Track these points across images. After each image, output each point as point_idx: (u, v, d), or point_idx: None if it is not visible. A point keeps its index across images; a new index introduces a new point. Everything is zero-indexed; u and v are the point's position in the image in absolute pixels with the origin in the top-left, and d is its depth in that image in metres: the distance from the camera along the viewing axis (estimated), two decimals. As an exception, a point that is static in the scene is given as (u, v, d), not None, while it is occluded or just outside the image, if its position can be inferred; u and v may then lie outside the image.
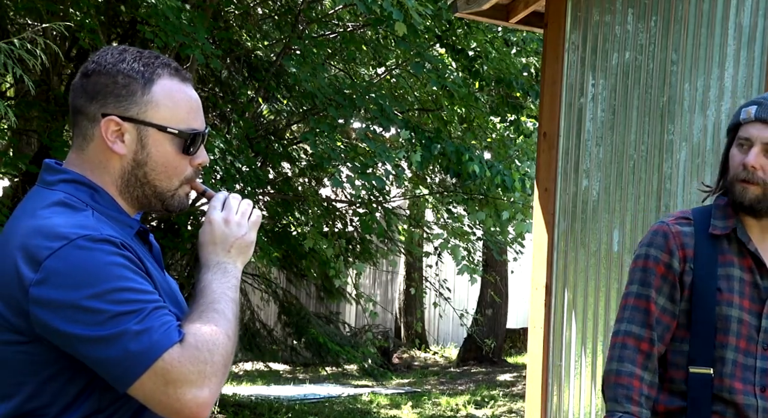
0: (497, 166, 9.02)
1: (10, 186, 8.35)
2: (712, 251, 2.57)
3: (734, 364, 2.53)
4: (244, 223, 1.95)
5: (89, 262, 1.73)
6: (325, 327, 11.97)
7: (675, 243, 2.58)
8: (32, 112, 7.59)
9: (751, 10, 4.41)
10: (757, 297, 2.55)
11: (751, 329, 2.54)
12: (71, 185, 1.87)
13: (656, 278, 2.58)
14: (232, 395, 10.67)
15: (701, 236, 2.58)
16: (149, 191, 1.91)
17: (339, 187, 8.30)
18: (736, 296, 2.54)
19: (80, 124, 1.90)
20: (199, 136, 1.93)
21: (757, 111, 2.54)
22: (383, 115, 8.14)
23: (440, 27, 9.31)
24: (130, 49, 1.93)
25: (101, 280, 1.73)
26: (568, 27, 5.31)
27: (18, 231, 1.82)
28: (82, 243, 1.75)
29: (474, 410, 11.14)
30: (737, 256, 2.57)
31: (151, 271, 1.85)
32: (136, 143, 1.88)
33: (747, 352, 2.54)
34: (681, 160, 4.66)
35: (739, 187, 2.53)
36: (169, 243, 8.92)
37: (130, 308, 1.72)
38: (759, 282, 2.56)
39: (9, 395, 1.82)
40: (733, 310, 2.53)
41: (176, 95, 1.90)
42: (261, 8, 9.38)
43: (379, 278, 16.28)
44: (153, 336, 1.72)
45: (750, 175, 2.52)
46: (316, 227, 8.52)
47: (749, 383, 2.53)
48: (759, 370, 2.54)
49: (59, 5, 7.19)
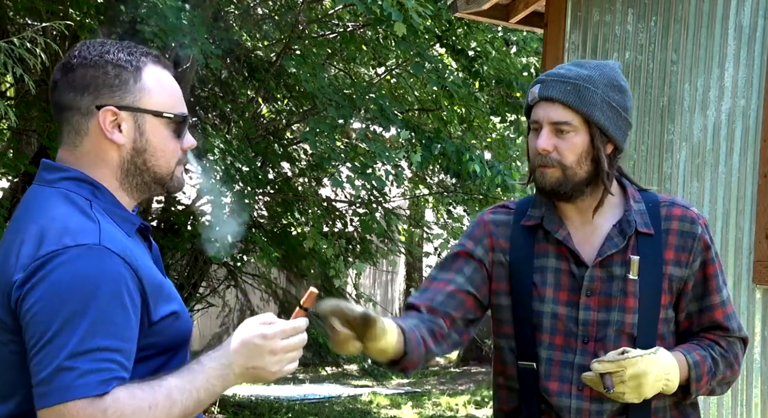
0: (497, 167, 9.01)
1: (9, 187, 8.34)
2: (527, 242, 2.41)
3: (550, 362, 2.35)
4: (284, 361, 1.88)
5: (79, 278, 1.73)
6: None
7: (483, 231, 2.45)
8: (32, 112, 7.59)
9: (751, 10, 4.40)
10: (575, 287, 2.36)
11: (569, 323, 2.35)
12: (73, 182, 1.87)
13: (456, 262, 2.44)
14: (232, 395, 10.66)
15: (518, 226, 2.43)
16: (149, 178, 1.92)
17: (339, 187, 8.29)
18: (550, 288, 2.37)
19: (71, 120, 1.89)
20: (187, 120, 1.95)
21: (540, 90, 2.35)
22: (383, 116, 8.13)
23: (440, 27, 9.31)
24: (109, 41, 1.94)
25: (82, 308, 1.71)
26: (568, 27, 5.30)
27: (18, 231, 1.82)
28: (79, 252, 1.74)
29: (474, 410, 11.13)
30: (553, 244, 2.39)
31: (145, 270, 1.83)
32: (134, 131, 1.89)
33: (566, 348, 2.35)
34: (681, 160, 4.66)
35: (538, 174, 2.36)
36: (169, 243, 8.92)
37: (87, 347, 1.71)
38: (575, 271, 2.36)
39: (8, 395, 1.82)
40: (545, 305, 2.36)
41: (164, 81, 1.93)
42: (261, 8, 9.38)
43: (379, 278, 16.28)
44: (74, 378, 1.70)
45: (545, 159, 2.33)
46: (316, 227, 8.51)
47: (566, 382, 2.35)
48: (577, 366, 2.34)
49: (59, 5, 7.19)
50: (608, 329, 2.33)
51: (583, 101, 2.31)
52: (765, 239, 4.24)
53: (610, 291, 2.35)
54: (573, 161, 2.33)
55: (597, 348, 2.33)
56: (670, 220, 2.41)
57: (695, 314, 2.42)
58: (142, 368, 1.83)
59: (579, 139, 2.32)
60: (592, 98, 2.32)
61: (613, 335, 2.33)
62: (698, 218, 2.43)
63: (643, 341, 2.33)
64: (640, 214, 2.41)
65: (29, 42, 5.10)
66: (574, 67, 2.37)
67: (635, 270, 2.35)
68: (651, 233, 2.38)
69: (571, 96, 2.31)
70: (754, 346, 4.23)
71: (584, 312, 2.35)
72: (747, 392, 4.23)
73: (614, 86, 2.36)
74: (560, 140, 2.33)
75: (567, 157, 2.32)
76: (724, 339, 2.42)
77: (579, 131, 2.32)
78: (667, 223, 2.40)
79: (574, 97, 2.31)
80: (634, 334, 2.34)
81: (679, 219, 2.41)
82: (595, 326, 2.34)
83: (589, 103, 2.31)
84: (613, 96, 2.35)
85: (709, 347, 2.40)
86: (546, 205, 2.42)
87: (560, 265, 2.38)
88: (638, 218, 2.39)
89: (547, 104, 2.34)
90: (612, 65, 2.40)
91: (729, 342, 2.42)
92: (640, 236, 2.38)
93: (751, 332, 4.25)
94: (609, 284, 2.35)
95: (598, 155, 2.34)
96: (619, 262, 2.36)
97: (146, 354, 1.84)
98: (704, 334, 2.42)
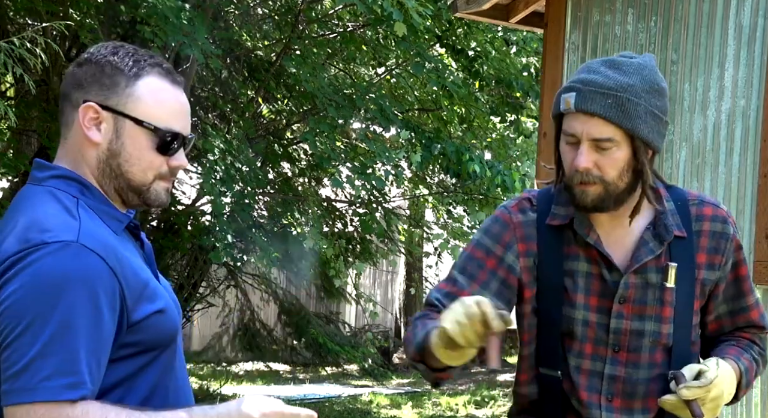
0: (497, 167, 9.01)
1: (9, 187, 8.35)
2: (556, 243, 2.25)
3: (578, 371, 2.22)
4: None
5: (52, 275, 1.72)
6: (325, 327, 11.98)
7: (516, 235, 2.27)
8: (32, 112, 7.59)
9: (751, 10, 4.40)
10: (607, 293, 2.21)
11: (599, 330, 2.21)
12: (61, 180, 1.87)
13: (482, 272, 2.26)
14: (232, 395, 10.66)
15: (545, 228, 2.26)
16: (123, 184, 1.90)
17: (339, 187, 8.30)
18: (581, 294, 2.22)
19: (64, 111, 1.91)
20: (179, 139, 1.91)
21: (577, 101, 2.13)
22: (383, 116, 8.14)
23: (440, 27, 9.31)
24: (128, 46, 1.94)
25: (52, 307, 1.70)
26: (568, 27, 5.31)
27: (2, 229, 1.83)
28: (55, 248, 1.74)
29: (474, 410, 11.13)
30: (582, 247, 2.23)
31: (127, 268, 1.82)
32: (112, 133, 1.88)
33: (595, 356, 2.22)
34: (681, 160, 4.66)
35: (578, 191, 2.17)
36: (169, 243, 8.92)
37: (55, 348, 1.69)
38: (607, 276, 2.22)
39: None
40: (577, 311, 2.22)
41: (161, 94, 1.90)
42: (261, 8, 9.38)
43: (379, 278, 16.27)
44: (40, 380, 1.69)
45: (585, 177, 2.15)
46: (316, 227, 8.52)
47: (595, 392, 2.22)
48: (607, 377, 2.22)
49: (59, 5, 7.19)
50: (643, 339, 2.22)
51: (627, 116, 2.13)
52: (765, 239, 4.24)
53: (645, 299, 2.22)
54: (615, 177, 2.16)
55: (629, 358, 2.22)
56: (702, 220, 2.29)
57: (726, 315, 2.34)
58: (125, 366, 1.82)
59: (621, 153, 2.16)
60: (636, 111, 2.14)
61: (649, 345, 2.22)
62: (728, 216, 2.32)
63: (678, 351, 2.25)
64: (671, 214, 2.28)
65: (29, 42, 5.10)
66: (611, 72, 2.17)
67: (673, 278, 2.23)
68: (684, 236, 2.26)
69: (613, 110, 2.12)
70: (754, 346, 4.23)
71: (616, 320, 2.22)
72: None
73: (656, 91, 2.19)
74: (601, 156, 2.15)
75: (609, 173, 2.16)
76: (757, 336, 2.36)
77: (621, 146, 2.15)
78: (698, 224, 2.29)
79: (616, 111, 2.13)
80: (669, 344, 2.24)
81: (711, 219, 2.30)
82: (627, 335, 2.22)
83: (633, 118, 2.14)
84: (656, 103, 2.19)
85: (750, 348, 2.33)
86: (582, 212, 2.24)
87: (591, 269, 2.23)
88: (671, 219, 2.26)
89: (586, 118, 2.13)
90: (650, 65, 2.21)
91: (762, 339, 2.37)
92: (674, 239, 2.26)
93: (751, 332, 4.25)
94: (644, 292, 2.23)
95: (641, 168, 2.19)
96: (654, 268, 2.23)
97: (129, 353, 1.82)
98: (740, 333, 2.36)
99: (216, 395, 10.16)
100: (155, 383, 1.87)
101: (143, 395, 1.84)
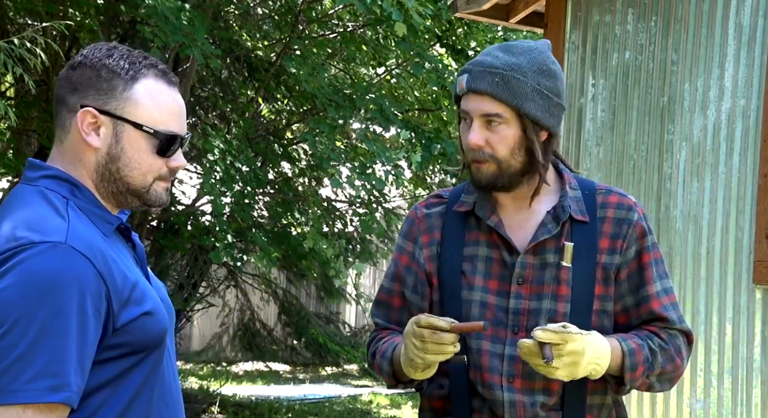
0: (497, 167, 8.99)
1: (9, 187, 8.35)
2: (459, 231, 2.33)
3: (479, 353, 2.26)
4: None
5: (38, 275, 1.71)
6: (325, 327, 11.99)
7: (419, 228, 2.37)
8: (32, 112, 7.59)
9: (751, 10, 4.40)
10: (507, 276, 2.27)
11: (498, 312, 2.26)
12: (52, 181, 1.87)
13: (399, 270, 2.39)
14: (232, 395, 10.67)
15: (451, 215, 2.35)
16: (123, 187, 1.90)
17: (339, 187, 8.30)
18: (479, 277, 2.28)
19: (60, 115, 1.90)
20: (177, 140, 1.91)
21: (468, 81, 2.25)
22: (383, 116, 8.14)
23: (440, 27, 9.31)
24: (121, 47, 1.93)
25: (36, 307, 1.69)
26: (568, 27, 5.31)
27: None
28: (42, 249, 1.73)
29: (474, 410, 11.12)
30: (485, 232, 2.31)
31: (115, 271, 1.81)
32: (111, 137, 1.87)
33: (495, 338, 2.26)
34: (681, 160, 4.66)
35: (473, 169, 2.28)
36: (169, 243, 8.92)
37: (39, 348, 1.68)
38: (507, 259, 2.28)
39: None
40: (474, 293, 2.27)
41: (158, 96, 1.90)
42: (261, 8, 9.38)
43: (379, 278, 16.27)
44: (24, 382, 1.67)
45: (477, 154, 2.25)
46: (316, 227, 8.51)
47: (496, 373, 2.25)
48: (507, 357, 2.25)
49: (59, 5, 7.19)
50: (539, 318, 2.25)
51: (512, 93, 2.21)
52: (765, 239, 4.24)
53: (543, 279, 2.27)
54: (506, 154, 2.25)
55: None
56: (606, 207, 2.34)
57: (632, 307, 2.32)
58: (111, 368, 1.81)
59: (510, 131, 2.24)
60: (522, 89, 2.22)
61: (545, 324, 2.20)
62: (635, 205, 2.35)
63: None
64: (575, 201, 2.32)
65: (29, 42, 5.10)
66: (501, 53, 2.26)
67: (569, 257, 2.27)
68: (586, 221, 2.30)
69: (499, 88, 2.22)
70: (755, 346, 4.23)
71: (515, 301, 2.27)
72: (747, 392, 4.23)
73: (543, 72, 2.25)
74: (491, 133, 2.24)
75: (499, 150, 2.24)
76: (664, 331, 2.31)
77: (510, 123, 2.23)
78: (603, 210, 2.33)
79: (502, 89, 2.22)
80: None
81: (615, 206, 2.34)
82: (526, 315, 2.26)
83: (519, 95, 2.22)
84: (544, 83, 2.25)
85: (648, 338, 2.29)
86: (479, 191, 2.33)
87: (491, 253, 2.29)
88: (573, 204, 2.31)
89: (476, 96, 2.24)
90: (541, 48, 2.30)
91: (670, 334, 2.31)
92: (575, 223, 2.30)
93: (751, 332, 4.25)
94: (542, 272, 2.27)
95: (531, 146, 2.25)
96: (553, 249, 2.28)
97: (115, 355, 1.81)
98: (644, 326, 2.33)
99: (216, 395, 10.17)
100: (141, 383, 1.85)
101: (128, 397, 1.83)
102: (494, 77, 2.22)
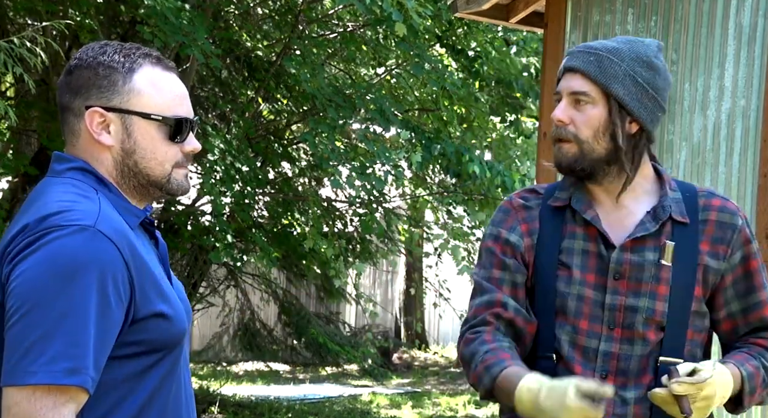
0: (497, 167, 9.01)
1: (9, 187, 8.35)
2: (556, 224, 2.29)
3: (572, 346, 2.22)
4: None
5: (64, 257, 1.71)
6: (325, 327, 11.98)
7: (518, 217, 2.32)
8: (32, 112, 7.59)
9: (751, 10, 4.40)
10: (604, 270, 2.23)
11: (595, 307, 2.22)
12: (79, 172, 1.87)
13: (496, 259, 2.31)
14: (232, 395, 10.67)
15: (547, 209, 2.31)
16: (144, 180, 1.90)
17: (338, 188, 8.30)
18: (577, 270, 2.24)
19: (68, 121, 1.90)
20: (186, 123, 1.92)
21: (566, 61, 2.27)
22: (383, 116, 8.14)
23: (440, 27, 9.31)
24: (112, 43, 1.93)
25: (61, 289, 1.69)
26: (568, 27, 5.31)
27: (22, 214, 1.82)
28: (70, 231, 1.73)
29: (474, 410, 11.13)
30: (581, 225, 2.27)
31: (139, 261, 1.81)
32: (122, 133, 1.88)
33: (590, 332, 2.22)
34: (681, 160, 4.66)
35: (556, 149, 2.26)
36: (169, 243, 8.90)
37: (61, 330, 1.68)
38: (604, 253, 2.24)
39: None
40: (571, 286, 2.23)
41: (159, 83, 1.90)
42: (261, 8, 9.38)
43: (379, 278, 16.28)
44: (44, 362, 1.67)
45: (560, 131, 2.24)
46: (316, 227, 8.51)
47: (589, 369, 2.21)
48: (601, 353, 2.21)
49: (59, 5, 7.19)
50: (637, 316, 2.21)
51: (603, 72, 2.21)
52: (765, 239, 4.24)
53: (641, 276, 2.23)
54: (589, 136, 2.22)
55: (624, 335, 2.22)
56: (709, 210, 2.30)
57: (739, 313, 2.30)
58: (129, 366, 1.81)
59: (596, 111, 2.22)
60: (614, 70, 2.21)
61: (642, 322, 2.20)
62: (738, 210, 2.32)
63: (672, 332, 2.22)
64: (676, 202, 2.29)
65: (29, 42, 5.10)
66: (608, 41, 2.28)
67: (669, 256, 2.23)
68: (686, 222, 2.27)
69: (591, 66, 2.22)
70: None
71: (611, 296, 2.22)
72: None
73: (643, 62, 2.24)
74: (577, 112, 2.23)
75: (583, 131, 2.22)
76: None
77: (597, 104, 2.22)
78: (705, 213, 2.29)
79: (594, 67, 2.22)
80: (663, 323, 2.22)
81: (718, 210, 2.30)
82: (622, 311, 2.22)
83: (609, 75, 2.21)
84: (640, 72, 2.23)
85: (761, 356, 2.28)
86: (575, 186, 2.30)
87: (588, 246, 2.25)
88: (674, 205, 2.28)
89: (569, 75, 2.25)
90: (649, 43, 2.29)
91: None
92: (675, 224, 2.27)
93: (751, 332, 4.25)
94: (641, 269, 2.23)
95: (615, 130, 2.22)
96: (652, 247, 2.24)
97: (133, 351, 1.81)
98: (754, 340, 2.31)
99: (216, 395, 10.17)
100: (160, 382, 1.85)
101: (147, 394, 1.83)
102: (590, 56, 2.23)
